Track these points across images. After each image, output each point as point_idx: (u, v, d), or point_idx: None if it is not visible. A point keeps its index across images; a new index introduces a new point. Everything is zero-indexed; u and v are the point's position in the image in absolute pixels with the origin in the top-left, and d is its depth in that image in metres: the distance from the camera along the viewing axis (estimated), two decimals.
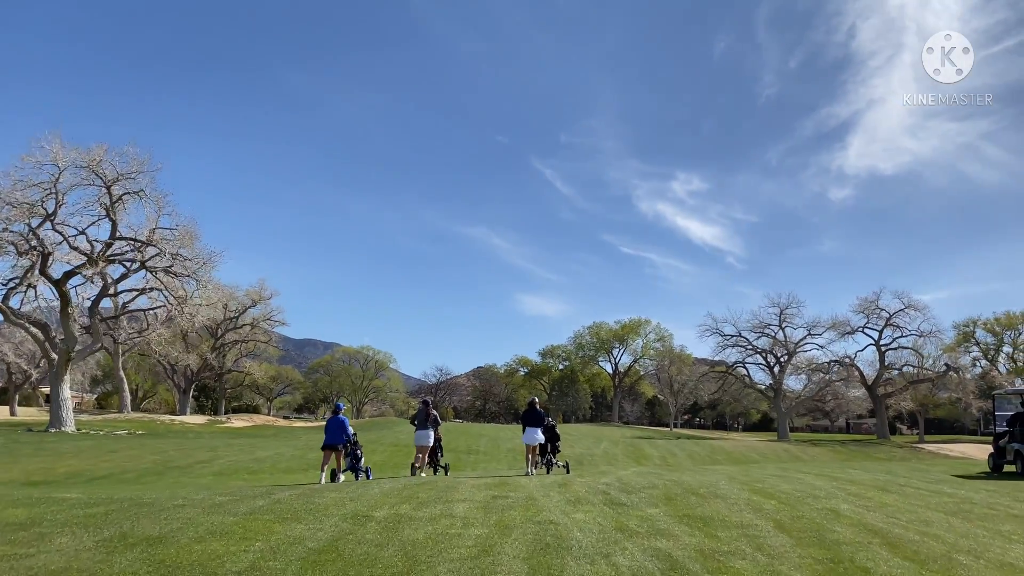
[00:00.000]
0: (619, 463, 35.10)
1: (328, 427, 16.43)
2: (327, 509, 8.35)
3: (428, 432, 16.80)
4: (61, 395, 37.08)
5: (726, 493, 11.09)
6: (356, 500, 9.16)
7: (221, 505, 8.64)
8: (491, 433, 51.60)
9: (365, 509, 8.39)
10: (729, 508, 9.48)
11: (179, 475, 21.59)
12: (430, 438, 16.85)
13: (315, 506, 8.59)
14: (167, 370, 77.43)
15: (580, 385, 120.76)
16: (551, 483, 11.98)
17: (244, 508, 8.36)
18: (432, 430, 16.92)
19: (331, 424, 16.44)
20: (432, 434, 16.91)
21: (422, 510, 8.46)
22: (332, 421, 16.50)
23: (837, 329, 69.71)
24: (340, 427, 16.28)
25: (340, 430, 16.25)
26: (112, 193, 36.69)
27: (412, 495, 9.75)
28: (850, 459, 46.57)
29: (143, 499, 9.30)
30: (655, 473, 16.20)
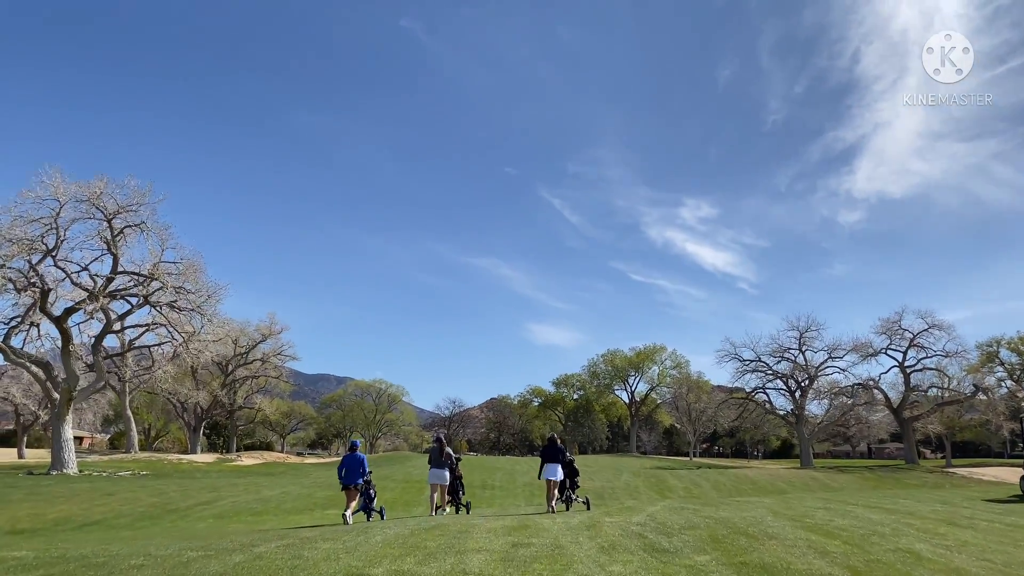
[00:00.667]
0: (642, 496, 33.44)
1: (344, 465, 15.73)
2: (316, 566, 7.02)
3: (443, 471, 16.17)
4: (63, 436, 35.91)
5: (779, 532, 9.71)
6: (352, 552, 7.84)
7: (189, 564, 7.31)
8: (506, 466, 49.96)
9: (361, 565, 7.06)
10: (789, 552, 8.11)
11: (177, 519, 20.29)
12: (445, 477, 16.23)
13: (303, 562, 7.27)
14: (177, 408, 76.28)
15: (596, 415, 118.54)
16: (578, 525, 10.63)
17: (216, 568, 7.03)
18: (447, 468, 16.29)
19: (348, 462, 15.76)
20: (447, 473, 16.28)
21: (429, 564, 7.13)
22: (349, 459, 15.83)
23: (859, 351, 67.72)
24: (358, 465, 15.64)
25: (357, 468, 15.59)
26: (113, 226, 35.84)
27: (419, 544, 8.43)
28: (880, 486, 44.64)
29: (98, 557, 7.97)
30: (689, 508, 14.77)
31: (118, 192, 36.00)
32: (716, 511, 13.80)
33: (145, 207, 36.47)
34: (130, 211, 36.14)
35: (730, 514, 12.87)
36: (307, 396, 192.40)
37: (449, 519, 12.07)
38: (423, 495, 30.65)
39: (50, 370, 37.69)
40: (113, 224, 35.92)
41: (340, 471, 15.67)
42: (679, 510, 14.33)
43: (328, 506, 24.85)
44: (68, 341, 36.46)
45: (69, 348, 36.36)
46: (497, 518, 12.56)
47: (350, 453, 15.98)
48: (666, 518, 11.74)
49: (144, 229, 36.61)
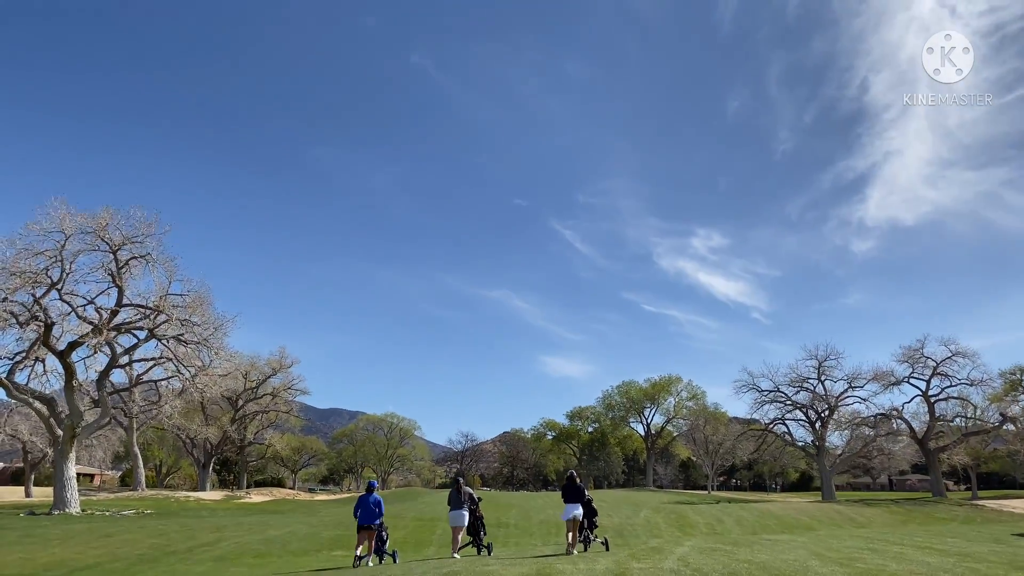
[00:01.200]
0: (664, 534, 32.05)
1: (360, 505, 15.38)
2: None
3: (462, 513, 16.14)
4: (66, 474, 35.03)
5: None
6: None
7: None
8: (521, 503, 48.51)
9: None
10: None
11: (175, 562, 19.24)
12: (464, 519, 16.17)
13: None
14: (186, 444, 75.31)
15: (611, 448, 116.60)
16: (603, 572, 9.58)
17: None
18: (466, 510, 16.25)
19: (364, 503, 15.40)
20: (466, 514, 16.24)
21: None
22: (365, 499, 15.48)
23: (880, 380, 65.93)
24: (374, 506, 15.33)
25: (374, 509, 15.28)
26: (118, 258, 35.38)
27: None
28: (909, 520, 42.91)
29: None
30: (721, 549, 13.64)
31: (123, 223, 35.64)
32: (752, 553, 12.68)
33: (151, 238, 36.11)
34: (135, 242, 35.73)
35: (769, 557, 11.76)
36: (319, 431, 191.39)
37: (463, 565, 11.04)
38: (435, 534, 29.46)
39: (54, 406, 36.97)
40: (118, 256, 35.48)
41: (356, 511, 15.29)
42: (711, 552, 13.21)
43: (335, 546, 23.74)
44: (72, 376, 35.78)
45: (73, 383, 35.68)
46: (514, 563, 11.52)
47: (367, 493, 15.61)
48: (700, 563, 10.66)
49: (150, 260, 36.14)
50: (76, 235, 35.10)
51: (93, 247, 35.42)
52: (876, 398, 68.16)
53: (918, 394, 64.20)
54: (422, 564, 13.12)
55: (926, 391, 63.32)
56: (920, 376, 63.74)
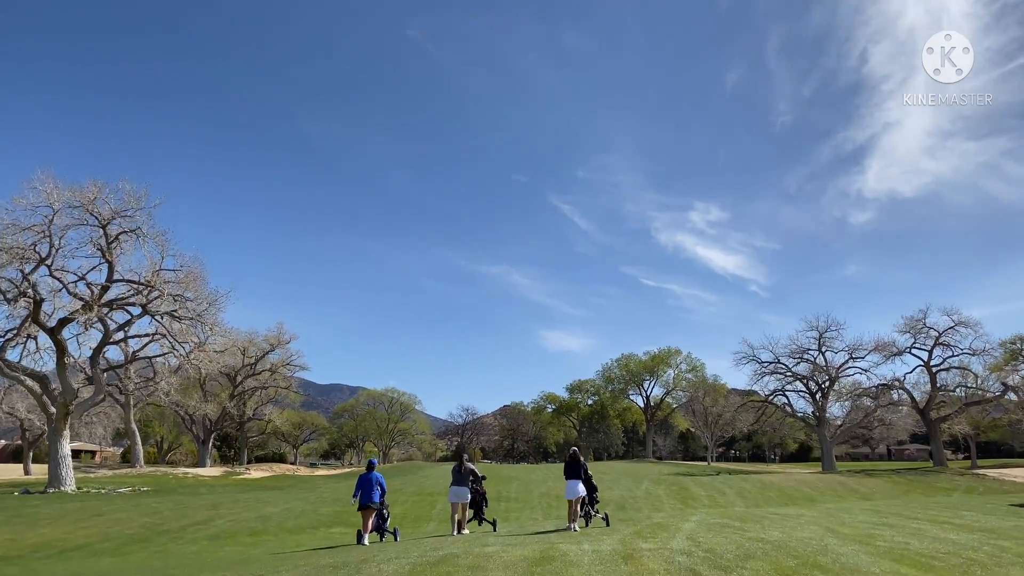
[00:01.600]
0: (666, 507, 31.71)
1: (361, 484, 15.12)
2: None
3: (463, 488, 15.92)
4: (60, 452, 34.59)
5: (856, 563, 8.08)
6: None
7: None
8: (521, 475, 48.30)
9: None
10: None
11: (167, 541, 18.77)
12: (466, 494, 15.97)
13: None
14: (185, 421, 75.02)
15: (611, 420, 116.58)
16: (611, 555, 9.01)
17: None
18: (467, 486, 16.04)
19: (364, 481, 15.14)
20: (467, 490, 16.03)
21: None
22: (365, 478, 15.20)
23: (882, 351, 65.52)
24: (375, 484, 15.13)
25: (375, 487, 15.09)
26: (108, 233, 34.56)
27: None
28: (912, 490, 42.73)
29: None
30: (730, 526, 13.13)
31: (112, 197, 34.75)
32: (763, 530, 12.15)
33: (141, 212, 35.21)
34: (125, 216, 34.86)
35: (782, 535, 11.22)
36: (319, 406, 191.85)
37: (461, 547, 10.49)
38: (435, 509, 29.09)
39: (47, 384, 36.43)
40: (108, 231, 34.66)
41: (356, 491, 15.06)
42: (720, 529, 12.69)
43: (333, 524, 23.30)
44: (63, 353, 35.18)
45: (65, 360, 35.09)
46: (515, 544, 10.97)
47: (367, 472, 15.33)
48: (711, 543, 10.11)
49: (140, 235, 35.32)
50: (64, 209, 34.25)
51: (82, 222, 34.59)
52: (877, 369, 67.83)
53: (920, 364, 63.94)
54: (420, 543, 12.60)
55: (928, 361, 63.00)
56: (922, 346, 63.43)
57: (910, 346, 63.88)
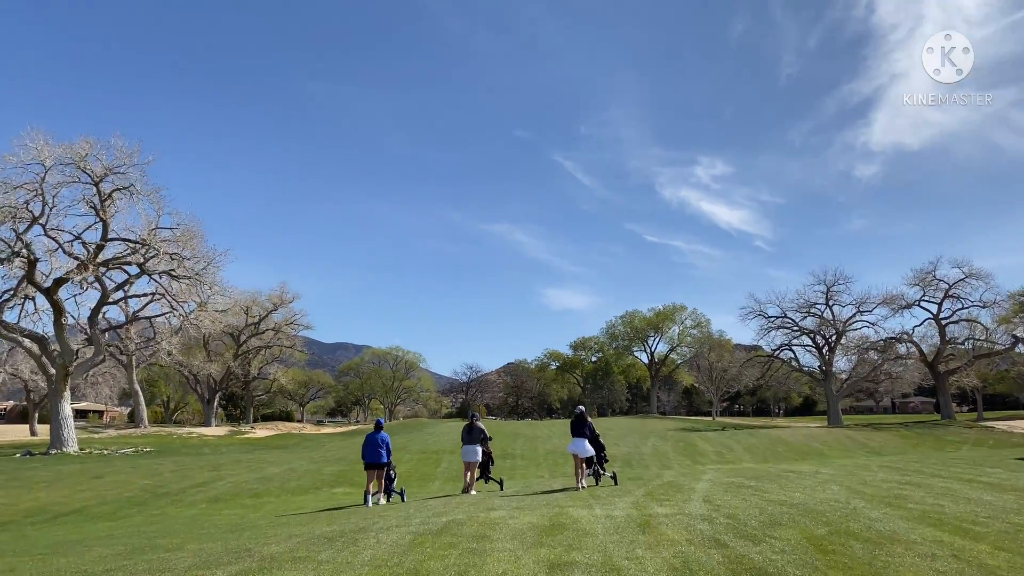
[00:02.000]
0: (674, 463, 31.36)
1: (368, 444, 15.02)
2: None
3: (475, 448, 15.93)
4: (61, 413, 34.28)
5: (890, 528, 7.42)
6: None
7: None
8: (526, 432, 48.09)
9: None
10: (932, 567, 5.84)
11: (166, 504, 18.36)
12: (477, 453, 15.97)
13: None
14: (190, 380, 75.04)
15: (615, 377, 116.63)
16: (626, 522, 8.39)
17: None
18: (479, 445, 16.04)
19: (371, 441, 15.02)
20: (479, 449, 16.04)
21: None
22: (372, 438, 15.08)
23: (890, 304, 64.79)
24: (382, 444, 15.01)
25: (381, 448, 14.97)
26: (101, 190, 33.66)
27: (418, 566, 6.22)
28: (920, 444, 42.39)
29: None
30: (746, 486, 12.54)
31: (104, 153, 33.77)
32: (784, 491, 11.55)
33: (134, 169, 34.23)
34: (118, 173, 33.92)
35: (805, 496, 10.61)
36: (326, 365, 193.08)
37: (466, 512, 9.90)
38: (439, 467, 28.77)
39: (45, 345, 35.97)
40: (101, 188, 33.75)
41: (364, 451, 15.01)
42: (736, 489, 12.10)
43: (336, 483, 22.92)
44: (61, 314, 34.60)
45: (63, 321, 34.52)
46: (523, 508, 10.39)
47: (374, 432, 15.20)
48: (731, 507, 9.50)
49: (134, 192, 34.41)
50: (56, 167, 33.34)
51: (74, 179, 33.68)
52: (884, 322, 67.33)
53: (929, 317, 63.20)
54: (423, 507, 12.06)
55: (937, 314, 62.26)
56: (931, 299, 62.63)
57: (919, 299, 63.14)
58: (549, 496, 13.12)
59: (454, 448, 34.91)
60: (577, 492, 13.82)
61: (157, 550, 7.91)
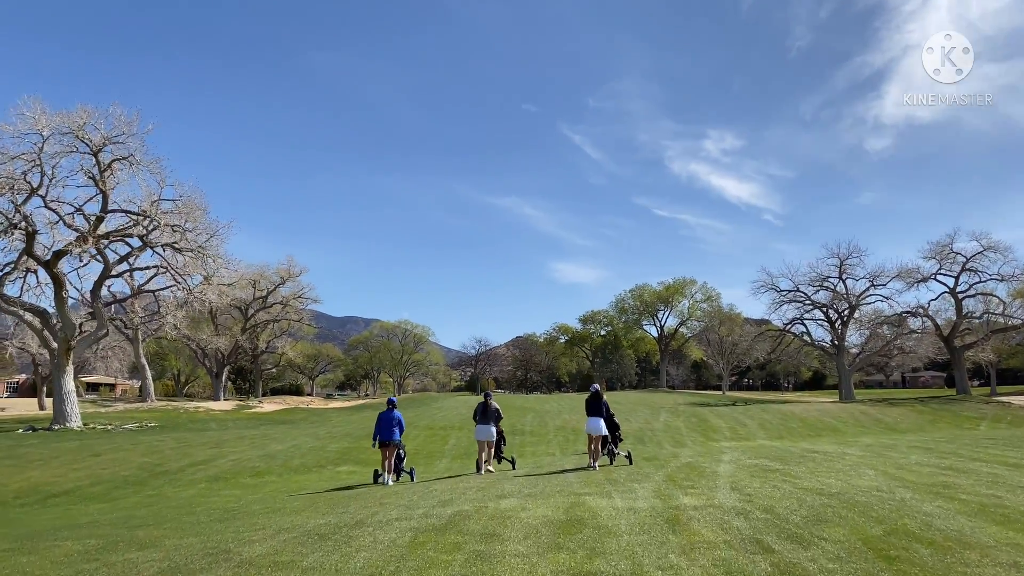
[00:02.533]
0: (687, 440, 30.60)
1: (381, 423, 15.10)
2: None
3: (490, 427, 15.79)
4: (64, 388, 33.75)
5: (954, 528, 6.55)
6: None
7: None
8: (536, 406, 47.41)
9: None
10: None
11: (164, 483, 17.72)
12: (492, 433, 15.86)
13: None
14: (198, 354, 74.77)
15: (624, 351, 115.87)
16: (651, 516, 7.55)
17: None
18: (494, 424, 15.93)
19: (384, 419, 15.12)
20: (494, 429, 15.94)
21: None
22: (385, 416, 15.17)
23: (905, 278, 63.39)
24: (395, 423, 15.11)
25: (394, 426, 15.07)
26: (100, 161, 32.77)
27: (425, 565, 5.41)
28: (937, 420, 41.48)
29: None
30: (773, 469, 11.72)
31: (103, 122, 32.81)
32: (815, 476, 10.72)
33: (133, 138, 33.28)
34: (117, 143, 32.99)
35: (841, 484, 9.77)
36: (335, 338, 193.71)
37: (473, 503, 9.11)
38: (447, 444, 28.11)
39: (48, 319, 35.35)
40: (100, 158, 32.85)
41: (377, 429, 15.08)
42: (763, 474, 11.28)
43: (341, 461, 22.26)
44: (61, 287, 33.91)
45: (64, 295, 33.84)
46: (535, 495, 9.60)
47: (387, 411, 15.28)
48: (765, 496, 8.66)
49: (133, 163, 33.49)
50: (54, 137, 32.44)
51: (72, 149, 32.75)
52: (898, 296, 65.91)
53: (945, 291, 61.86)
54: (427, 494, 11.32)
55: (954, 288, 60.88)
56: (948, 272, 61.19)
57: (935, 272, 61.67)
58: (562, 478, 12.35)
59: (463, 424, 34.27)
60: (591, 474, 13.10)
61: (131, 547, 7.14)
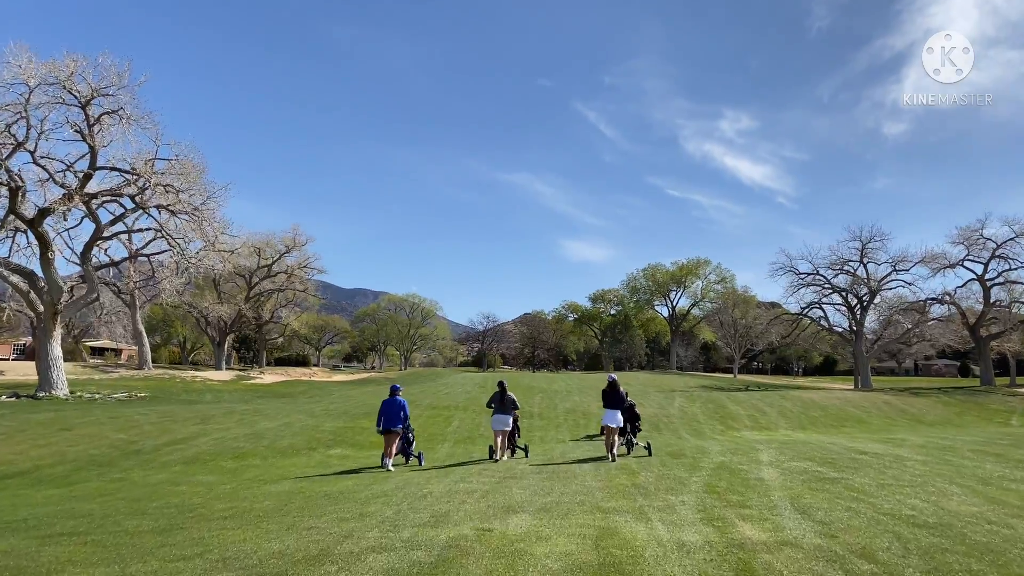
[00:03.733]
0: (704, 428, 28.77)
1: (384, 409, 14.95)
2: None
3: (506, 417, 15.60)
4: (51, 354, 32.13)
5: None
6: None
7: None
8: (543, 386, 45.62)
9: None
10: None
11: (133, 465, 15.99)
12: (508, 423, 15.65)
13: None
14: (200, 322, 73.32)
15: (634, 331, 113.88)
16: (704, 551, 5.68)
17: None
18: (510, 414, 15.75)
19: (387, 407, 14.95)
20: (511, 418, 15.76)
21: None
22: (388, 403, 15.01)
23: (929, 264, 60.92)
24: (398, 409, 14.97)
25: (398, 413, 14.94)
26: (89, 114, 30.80)
27: None
28: (964, 412, 39.49)
29: None
30: (834, 481, 9.85)
31: (91, 73, 30.76)
32: (894, 496, 8.83)
33: (124, 91, 31.21)
34: (106, 95, 30.95)
35: (934, 509, 7.86)
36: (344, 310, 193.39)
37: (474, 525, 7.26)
38: (450, 426, 26.34)
39: (35, 281, 33.63)
40: (88, 111, 30.86)
41: (379, 417, 14.94)
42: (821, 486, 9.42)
43: (333, 443, 20.47)
44: (47, 248, 32.08)
45: (48, 255, 32.04)
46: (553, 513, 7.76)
47: (390, 397, 15.13)
48: (846, 527, 6.78)
49: (123, 116, 31.46)
50: (40, 87, 30.43)
51: (59, 100, 30.72)
52: (920, 282, 63.60)
53: (972, 278, 59.42)
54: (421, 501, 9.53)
55: (982, 275, 58.41)
56: (976, 259, 58.72)
57: (963, 258, 59.20)
58: (580, 479, 10.53)
59: (467, 404, 32.56)
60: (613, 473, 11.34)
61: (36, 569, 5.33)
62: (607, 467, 12.86)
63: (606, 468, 12.66)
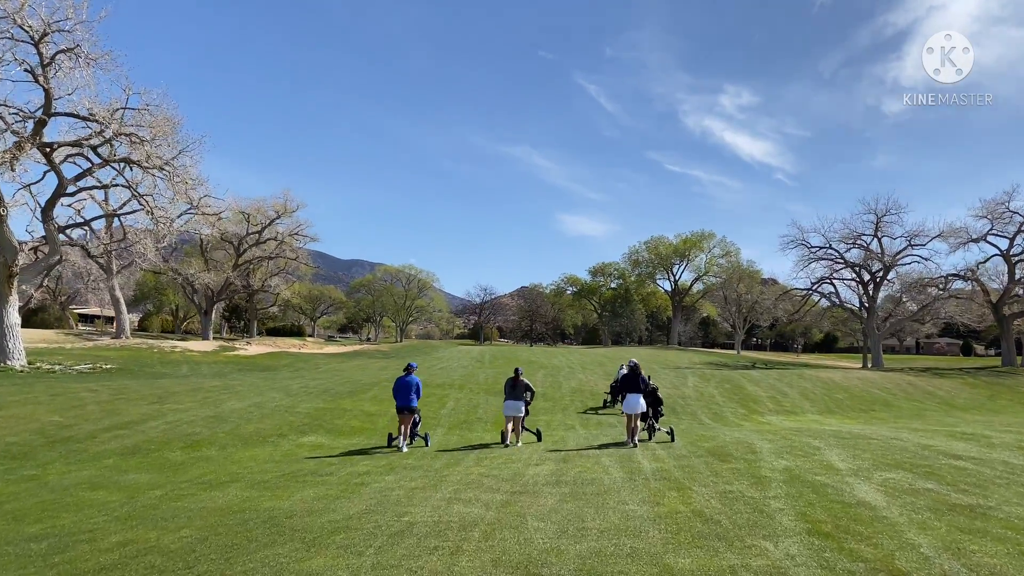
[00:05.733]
0: (726, 411, 26.06)
1: (399, 387, 14.92)
2: None
3: (519, 403, 15.54)
4: (6, 320, 29.18)
5: None
6: None
7: None
8: (544, 361, 42.89)
9: None
10: None
11: (58, 456, 13.17)
12: (520, 409, 15.57)
13: None
14: (186, 289, 70.28)
15: (635, 305, 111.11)
16: None
17: None
18: (523, 400, 15.62)
19: (402, 384, 14.93)
20: (523, 404, 15.61)
21: None
22: (403, 381, 14.99)
23: (948, 238, 57.98)
24: (412, 388, 14.92)
25: (412, 391, 14.89)
26: (43, 53, 27.49)
27: None
28: (996, 396, 36.86)
29: None
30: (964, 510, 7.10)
31: (43, 4, 27.31)
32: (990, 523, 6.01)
33: (82, 27, 27.82)
34: (62, 31, 27.62)
35: None
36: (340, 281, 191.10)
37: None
38: (445, 407, 23.54)
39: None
40: (42, 49, 27.55)
41: (395, 395, 14.97)
42: (960, 520, 6.62)
43: (306, 429, 17.61)
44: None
45: (1, 212, 28.90)
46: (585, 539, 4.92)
47: (405, 375, 15.16)
48: None
49: (80, 55, 28.12)
50: None
51: (8, 35, 27.28)
52: (937, 258, 60.83)
53: (996, 253, 56.48)
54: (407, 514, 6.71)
55: (1007, 250, 55.47)
56: (1001, 233, 55.72)
57: (987, 232, 56.19)
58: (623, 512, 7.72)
59: (464, 383, 29.79)
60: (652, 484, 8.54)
61: None
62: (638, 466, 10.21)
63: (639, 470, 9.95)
